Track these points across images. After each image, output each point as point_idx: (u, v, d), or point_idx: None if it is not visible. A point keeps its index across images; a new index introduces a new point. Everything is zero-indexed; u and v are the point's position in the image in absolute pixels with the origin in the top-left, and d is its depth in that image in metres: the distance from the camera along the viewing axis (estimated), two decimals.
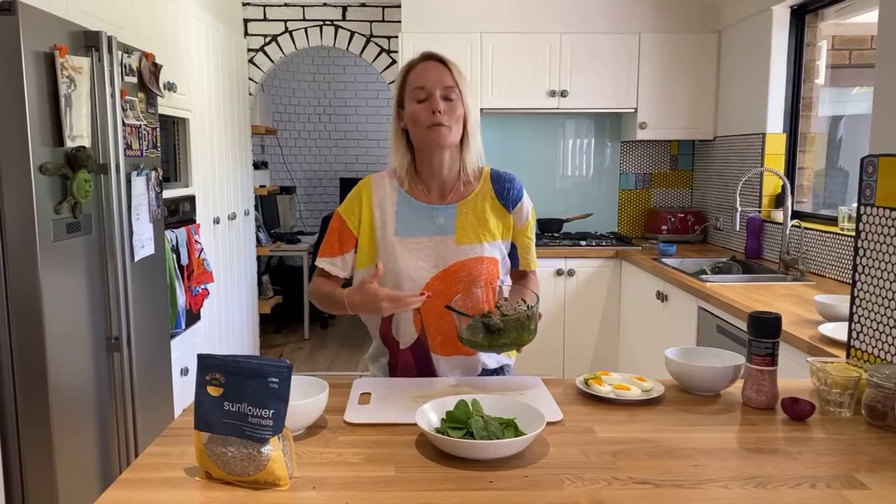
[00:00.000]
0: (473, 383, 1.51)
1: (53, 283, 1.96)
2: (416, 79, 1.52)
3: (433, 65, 1.53)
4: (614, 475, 1.06)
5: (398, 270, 1.53)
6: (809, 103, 3.45)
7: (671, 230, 4.26)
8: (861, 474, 1.07)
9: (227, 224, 3.98)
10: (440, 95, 1.50)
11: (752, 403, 1.36)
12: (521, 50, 4.00)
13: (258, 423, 1.02)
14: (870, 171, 1.55)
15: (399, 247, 1.54)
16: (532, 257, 1.66)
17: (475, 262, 1.54)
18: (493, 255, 1.56)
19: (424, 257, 1.54)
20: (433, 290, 1.50)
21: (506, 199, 1.60)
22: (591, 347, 3.98)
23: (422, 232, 1.55)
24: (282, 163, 6.71)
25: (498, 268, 1.59)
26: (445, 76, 1.51)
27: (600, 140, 4.50)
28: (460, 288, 1.52)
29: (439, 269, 1.54)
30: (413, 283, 1.53)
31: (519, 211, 1.62)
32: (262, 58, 4.52)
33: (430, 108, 1.50)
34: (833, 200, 3.40)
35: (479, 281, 1.53)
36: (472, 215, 1.57)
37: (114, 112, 2.22)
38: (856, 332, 1.59)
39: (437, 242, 1.55)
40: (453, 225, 1.56)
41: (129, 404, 2.35)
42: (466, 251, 1.54)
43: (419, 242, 1.55)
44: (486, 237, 1.56)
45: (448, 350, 1.56)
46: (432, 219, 1.56)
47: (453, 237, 1.55)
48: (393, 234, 1.55)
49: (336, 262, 1.59)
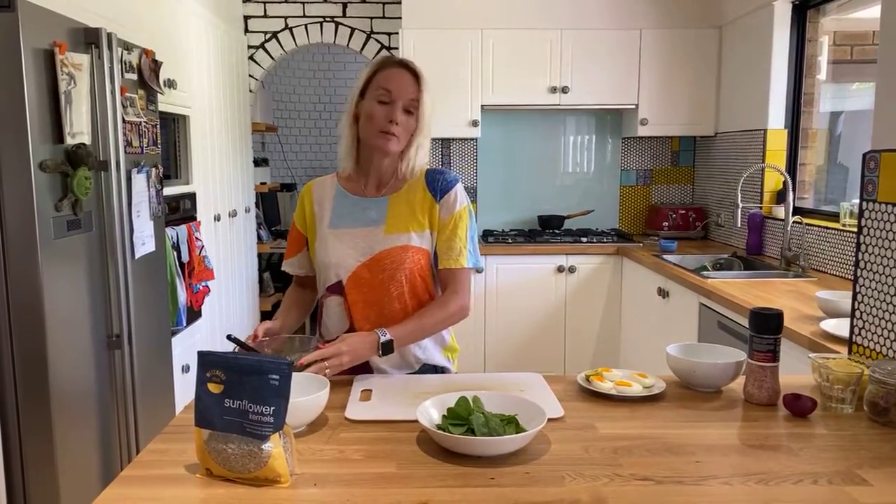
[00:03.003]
0: (474, 380, 1.51)
1: (54, 280, 1.96)
2: (385, 80, 1.55)
3: (406, 75, 1.56)
4: (616, 472, 1.06)
5: (328, 260, 1.60)
6: (811, 99, 3.44)
7: (672, 227, 4.25)
8: (863, 470, 1.07)
9: (228, 221, 3.98)
10: (402, 106, 1.54)
11: (753, 400, 1.36)
12: (522, 46, 4.00)
13: (259, 420, 1.02)
14: (872, 166, 1.54)
15: (331, 237, 1.61)
16: (456, 253, 1.60)
17: (400, 251, 1.57)
18: (421, 246, 1.59)
19: (353, 246, 1.59)
20: (359, 278, 1.58)
21: (435, 189, 1.62)
22: (593, 344, 3.98)
23: (353, 222, 1.61)
24: (282, 160, 6.71)
25: (426, 259, 1.61)
26: (413, 88, 1.55)
27: (601, 136, 4.50)
28: (385, 276, 1.57)
29: (366, 258, 1.58)
30: (340, 270, 1.59)
31: (446, 201, 1.61)
32: (262, 55, 4.52)
33: (388, 114, 1.53)
34: (834, 196, 3.39)
35: (403, 269, 1.56)
36: (404, 207, 1.61)
37: (114, 109, 2.21)
38: (858, 328, 1.59)
39: (368, 233, 1.60)
40: (384, 216, 1.60)
41: (130, 402, 2.35)
42: (394, 240, 1.58)
43: (350, 233, 1.61)
44: (415, 227, 1.59)
45: None
46: (365, 211, 1.62)
47: (383, 227, 1.59)
48: (327, 226, 1.63)
49: (293, 262, 1.72)
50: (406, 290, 1.58)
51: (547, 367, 3.86)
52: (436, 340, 1.67)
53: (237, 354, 1.07)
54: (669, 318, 3.21)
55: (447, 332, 1.70)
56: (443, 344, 1.69)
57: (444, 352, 1.69)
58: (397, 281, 1.57)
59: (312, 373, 1.37)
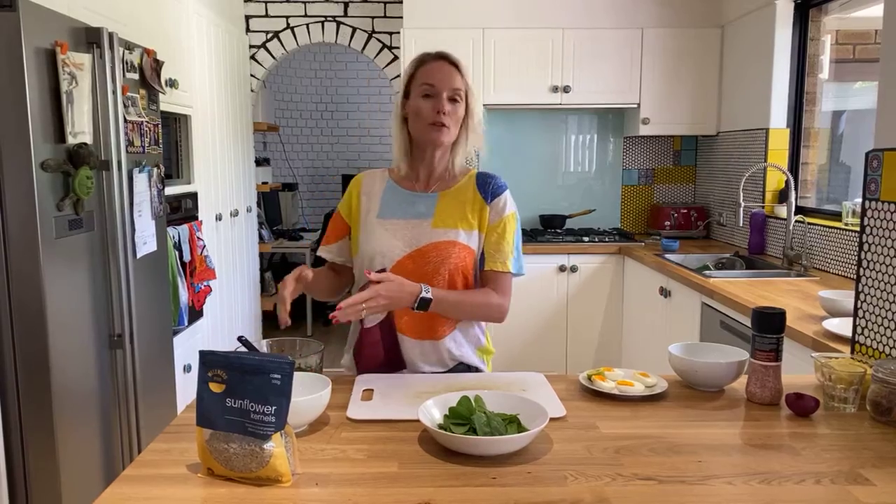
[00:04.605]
0: (476, 380, 1.51)
1: (55, 280, 1.96)
2: (427, 75, 1.58)
3: (446, 66, 1.58)
4: (618, 471, 1.06)
5: (373, 249, 1.61)
6: (813, 98, 3.44)
7: (674, 226, 4.25)
8: (866, 470, 1.07)
9: (230, 221, 3.98)
10: (447, 96, 1.56)
11: (756, 399, 1.36)
12: (524, 45, 3.99)
13: (260, 419, 1.02)
14: (874, 165, 1.54)
15: (378, 227, 1.62)
16: (503, 257, 1.61)
17: (447, 245, 1.58)
18: (467, 244, 1.59)
19: (399, 237, 1.60)
20: (404, 268, 1.57)
21: (486, 191, 1.63)
22: (594, 343, 3.98)
23: (401, 214, 1.62)
24: (284, 159, 6.71)
25: (471, 258, 1.61)
26: (455, 78, 1.57)
27: (603, 136, 4.49)
28: (429, 269, 1.57)
29: (412, 249, 1.59)
30: (385, 259, 1.59)
31: (496, 205, 1.62)
32: (263, 54, 4.52)
33: (435, 106, 1.56)
34: (836, 195, 3.38)
35: (447, 264, 1.57)
36: (453, 204, 1.62)
37: (115, 109, 2.21)
38: (860, 328, 1.58)
39: (415, 225, 1.61)
40: (433, 211, 1.61)
41: (132, 401, 2.36)
42: (440, 234, 1.59)
43: (398, 224, 1.62)
44: (463, 225, 1.60)
45: (414, 330, 1.60)
46: (413, 204, 1.63)
47: (431, 221, 1.61)
48: (375, 216, 1.64)
49: (332, 249, 1.71)
50: (447, 286, 1.58)
51: (549, 367, 3.85)
52: (471, 340, 1.66)
53: (239, 354, 1.06)
54: (671, 318, 3.20)
55: (482, 333, 1.70)
56: (478, 344, 1.68)
57: (479, 352, 1.68)
58: (440, 275, 1.57)
59: (349, 313, 1.39)
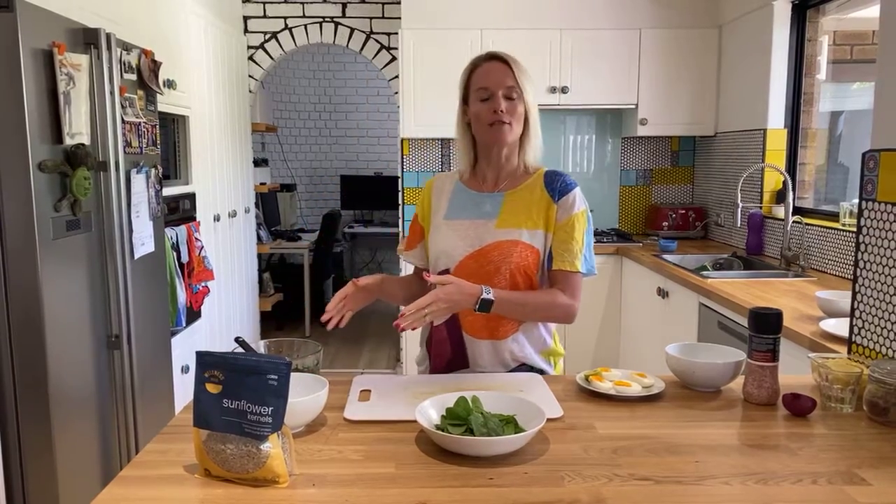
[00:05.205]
0: (474, 380, 1.51)
1: (53, 280, 1.96)
2: (480, 79, 1.59)
3: (497, 65, 1.59)
4: (615, 472, 1.06)
5: (438, 249, 1.64)
6: (811, 99, 3.44)
7: (672, 226, 4.25)
8: (862, 470, 1.07)
9: (228, 221, 3.98)
10: (502, 95, 1.57)
11: (753, 399, 1.36)
12: (522, 46, 3.97)
13: (257, 420, 1.02)
14: (871, 166, 1.54)
15: (445, 227, 1.65)
16: (572, 256, 1.58)
17: (510, 245, 1.58)
18: (531, 243, 1.58)
19: (463, 237, 1.62)
20: (466, 268, 1.58)
21: (553, 190, 1.62)
22: (592, 344, 3.98)
23: (467, 215, 1.64)
24: (282, 160, 6.71)
25: (534, 257, 1.58)
26: (507, 76, 1.58)
27: (601, 136, 4.49)
28: (491, 268, 1.57)
29: (474, 249, 1.60)
30: (448, 259, 1.61)
31: (564, 203, 1.61)
32: (261, 55, 4.52)
33: (492, 107, 1.57)
34: (834, 196, 3.39)
35: (509, 263, 1.56)
36: (520, 204, 1.62)
37: (113, 109, 2.21)
38: (857, 328, 1.59)
39: (479, 225, 1.62)
40: (498, 210, 1.62)
41: (130, 402, 2.35)
42: (503, 234, 1.59)
43: (463, 223, 1.63)
44: (527, 224, 1.60)
45: (478, 330, 1.60)
46: (479, 205, 1.64)
47: (495, 221, 1.61)
48: (443, 216, 1.67)
49: (414, 254, 1.75)
50: (508, 286, 1.57)
51: None
52: (535, 341, 1.64)
53: (236, 354, 1.06)
54: (669, 318, 3.20)
55: (549, 335, 1.67)
56: (543, 346, 1.65)
57: (544, 354, 1.66)
58: (502, 274, 1.57)
59: (411, 320, 1.39)
